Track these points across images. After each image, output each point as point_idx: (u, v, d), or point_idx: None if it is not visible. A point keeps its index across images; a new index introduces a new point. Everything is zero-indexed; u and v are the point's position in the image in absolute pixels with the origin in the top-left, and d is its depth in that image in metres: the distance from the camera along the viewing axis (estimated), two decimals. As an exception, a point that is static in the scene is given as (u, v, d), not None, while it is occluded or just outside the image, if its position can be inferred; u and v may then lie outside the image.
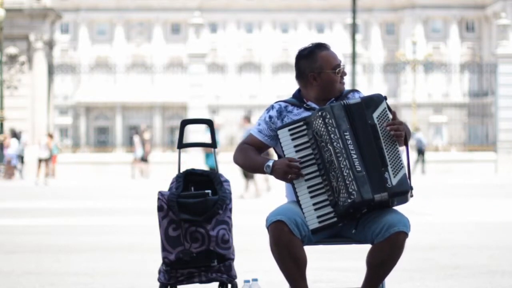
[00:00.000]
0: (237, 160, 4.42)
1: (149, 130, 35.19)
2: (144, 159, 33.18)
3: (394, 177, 4.09)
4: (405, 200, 4.18)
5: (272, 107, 4.41)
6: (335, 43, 65.36)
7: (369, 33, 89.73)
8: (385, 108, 4.17)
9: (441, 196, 18.50)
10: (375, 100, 4.16)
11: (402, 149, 4.23)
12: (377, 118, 4.14)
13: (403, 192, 4.12)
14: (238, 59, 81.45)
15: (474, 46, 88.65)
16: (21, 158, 33.57)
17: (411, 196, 4.19)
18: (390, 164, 4.10)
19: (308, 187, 4.16)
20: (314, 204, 4.14)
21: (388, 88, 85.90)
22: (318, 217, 4.13)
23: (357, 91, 4.42)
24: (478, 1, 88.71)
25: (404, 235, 4.09)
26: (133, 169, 33.25)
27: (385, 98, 4.19)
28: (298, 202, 4.18)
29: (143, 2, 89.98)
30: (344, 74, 4.38)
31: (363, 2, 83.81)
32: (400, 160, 4.14)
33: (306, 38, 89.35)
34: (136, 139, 33.80)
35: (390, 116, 4.18)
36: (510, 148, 36.79)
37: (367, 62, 57.17)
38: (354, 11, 30.93)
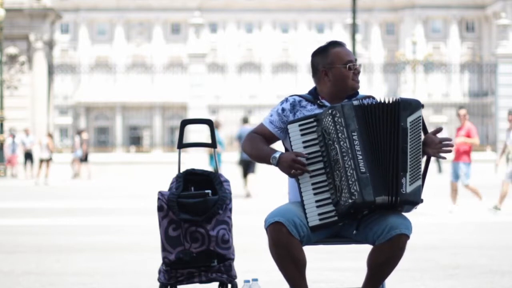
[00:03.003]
0: (245, 147, 4.42)
1: (87, 131, 34.82)
2: (82, 159, 33.12)
3: (410, 185, 4.09)
4: (409, 210, 4.19)
5: (286, 100, 4.43)
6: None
7: (369, 33, 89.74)
8: (420, 116, 4.15)
9: (441, 196, 18.49)
10: (413, 105, 4.14)
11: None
12: (410, 122, 4.12)
13: (413, 202, 4.12)
14: (238, 59, 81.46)
15: (474, 46, 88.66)
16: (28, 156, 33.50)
17: (415, 208, 4.21)
18: (410, 171, 4.09)
19: (312, 184, 4.16)
20: (316, 201, 4.14)
21: (388, 88, 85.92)
22: (319, 214, 4.13)
23: (372, 97, 4.39)
24: (478, 1, 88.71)
25: (406, 237, 4.09)
26: (73, 169, 33.19)
27: (422, 106, 4.18)
28: (301, 197, 4.17)
29: (143, 2, 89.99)
30: (357, 71, 4.37)
31: (363, 2, 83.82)
32: (420, 170, 4.13)
33: (306, 38, 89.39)
34: (77, 139, 33.70)
35: (421, 126, 4.15)
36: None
37: (367, 62, 57.18)
38: (354, 11, 30.92)
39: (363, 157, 4.07)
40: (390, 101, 4.15)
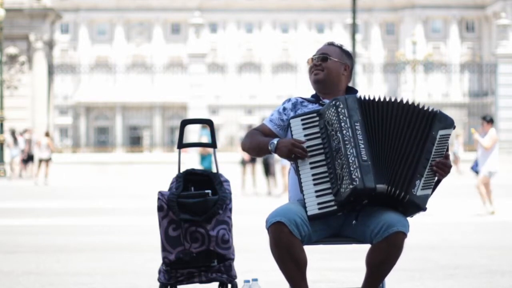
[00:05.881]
0: (244, 144, 4.45)
1: (30, 131, 34.56)
2: (25, 159, 33.08)
3: (421, 189, 4.14)
4: (412, 214, 4.22)
5: (289, 100, 4.50)
6: (335, 43, 65.00)
7: (369, 33, 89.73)
8: (450, 134, 4.21)
9: (441, 196, 18.50)
10: (449, 122, 4.20)
11: None
12: (440, 135, 4.17)
13: (418, 206, 4.15)
14: (238, 59, 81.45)
15: (474, 46, 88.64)
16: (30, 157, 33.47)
17: (412, 216, 4.24)
18: (425, 177, 4.14)
19: (313, 175, 4.18)
20: (316, 191, 4.16)
21: (388, 88, 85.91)
22: (319, 204, 4.14)
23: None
24: (478, 1, 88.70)
25: (403, 235, 4.09)
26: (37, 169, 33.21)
27: (454, 127, 4.22)
28: (300, 188, 4.19)
29: (143, 2, 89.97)
30: (313, 67, 4.46)
31: (363, 2, 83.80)
32: (432, 182, 4.18)
33: (306, 38, 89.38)
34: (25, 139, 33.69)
35: (447, 144, 4.21)
36: (510, 148, 36.78)
37: (367, 62, 57.17)
38: (354, 11, 30.92)
39: (365, 146, 4.11)
40: (423, 107, 4.19)
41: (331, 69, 4.44)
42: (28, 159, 33.33)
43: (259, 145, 4.35)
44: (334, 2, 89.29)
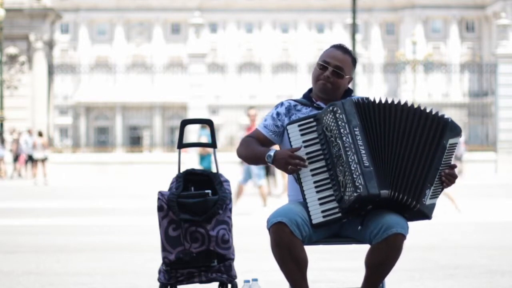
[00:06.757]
0: (239, 152, 4.40)
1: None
2: (14, 159, 33.14)
3: (430, 198, 4.14)
4: (413, 220, 4.22)
5: (281, 104, 4.43)
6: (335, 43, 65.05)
7: (369, 33, 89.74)
8: (457, 143, 4.22)
9: (441, 196, 18.51)
10: (458, 131, 4.21)
11: None
12: (449, 144, 4.17)
13: (425, 214, 4.17)
14: (238, 59, 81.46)
15: (474, 46, 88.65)
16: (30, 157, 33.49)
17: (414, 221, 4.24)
18: (434, 186, 4.15)
19: (314, 182, 4.15)
20: (319, 199, 4.13)
21: (388, 88, 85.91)
22: (323, 211, 4.12)
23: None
24: (478, 1, 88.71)
25: (402, 237, 4.09)
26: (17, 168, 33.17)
27: (461, 136, 4.25)
28: (303, 196, 4.17)
29: (143, 2, 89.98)
30: (327, 75, 4.34)
31: (363, 2, 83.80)
32: (440, 190, 4.19)
33: (306, 38, 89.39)
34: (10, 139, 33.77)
35: (454, 152, 4.23)
36: (510, 148, 36.77)
37: (367, 62, 57.17)
38: (354, 11, 30.92)
39: (366, 152, 4.09)
40: (431, 111, 4.17)
41: (340, 85, 4.38)
42: (16, 159, 33.32)
43: (255, 155, 4.31)
44: (334, 2, 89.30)
